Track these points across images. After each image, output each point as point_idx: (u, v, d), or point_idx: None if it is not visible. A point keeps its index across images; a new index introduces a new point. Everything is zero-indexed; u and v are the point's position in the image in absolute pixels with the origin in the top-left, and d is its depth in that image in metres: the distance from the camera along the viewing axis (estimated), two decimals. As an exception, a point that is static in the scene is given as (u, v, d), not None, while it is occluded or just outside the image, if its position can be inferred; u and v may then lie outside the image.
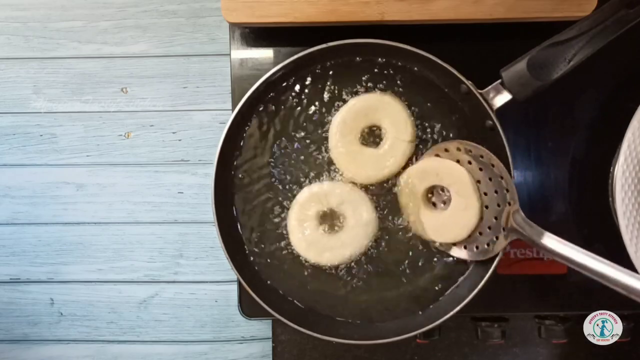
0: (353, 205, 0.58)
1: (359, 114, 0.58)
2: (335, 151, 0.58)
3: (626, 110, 0.56)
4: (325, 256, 0.58)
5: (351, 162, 0.58)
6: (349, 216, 0.58)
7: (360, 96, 0.59)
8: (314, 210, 0.58)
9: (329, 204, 0.58)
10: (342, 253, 0.58)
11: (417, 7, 0.58)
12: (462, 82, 0.56)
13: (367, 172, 0.58)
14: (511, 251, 0.63)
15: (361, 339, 0.56)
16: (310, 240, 0.58)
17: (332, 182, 0.59)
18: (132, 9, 0.80)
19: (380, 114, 0.58)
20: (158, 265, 0.80)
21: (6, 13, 0.80)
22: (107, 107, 0.80)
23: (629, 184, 0.55)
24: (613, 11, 0.52)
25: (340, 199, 0.58)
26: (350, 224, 0.58)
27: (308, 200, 0.58)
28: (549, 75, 0.52)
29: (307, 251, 0.58)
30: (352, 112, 0.58)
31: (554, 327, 0.63)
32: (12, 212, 0.81)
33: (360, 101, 0.59)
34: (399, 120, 0.58)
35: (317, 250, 0.58)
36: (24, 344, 0.81)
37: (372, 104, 0.58)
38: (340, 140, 0.58)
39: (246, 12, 0.59)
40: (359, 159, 0.58)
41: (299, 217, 0.58)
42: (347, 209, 0.58)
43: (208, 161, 0.79)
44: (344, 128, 0.58)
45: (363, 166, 0.58)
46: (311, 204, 0.58)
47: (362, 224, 0.58)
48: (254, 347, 0.80)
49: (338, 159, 0.59)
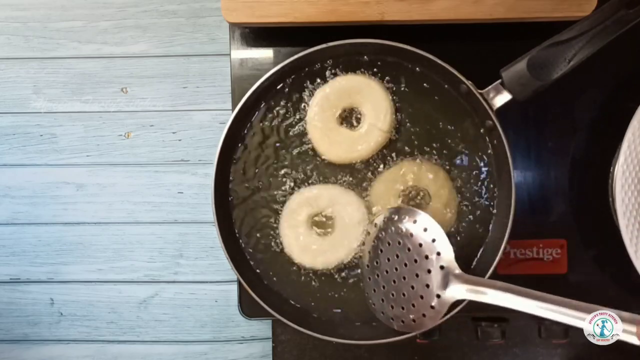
0: (343, 207, 0.58)
1: (343, 92, 0.58)
2: (311, 124, 0.58)
3: (626, 110, 0.56)
4: (319, 260, 0.58)
5: (324, 137, 0.58)
6: (340, 217, 0.58)
7: (348, 76, 0.59)
8: (305, 215, 0.58)
9: (319, 207, 0.58)
10: (336, 255, 0.58)
11: (417, 7, 0.58)
12: (462, 82, 0.56)
13: (338, 151, 0.58)
14: (511, 251, 0.63)
15: (361, 339, 0.56)
16: (303, 245, 0.58)
17: (321, 185, 0.59)
18: (132, 9, 0.80)
19: (364, 97, 0.58)
20: (158, 265, 0.80)
21: (6, 13, 0.80)
22: (107, 107, 0.80)
23: (629, 184, 0.55)
24: (613, 11, 0.52)
25: (330, 201, 0.58)
26: (342, 225, 0.58)
27: (299, 206, 0.58)
28: (549, 75, 0.52)
29: (301, 256, 0.58)
30: (335, 89, 0.58)
31: (554, 327, 0.63)
32: (12, 212, 0.81)
33: (347, 80, 0.59)
34: (379, 107, 0.58)
35: (311, 255, 0.58)
36: (24, 344, 0.81)
37: (358, 85, 0.58)
38: (318, 114, 0.58)
39: (246, 12, 0.59)
40: (333, 136, 0.58)
41: (291, 223, 0.58)
42: (338, 211, 0.58)
43: (208, 161, 0.79)
44: (325, 103, 0.58)
45: (335, 144, 0.58)
46: (302, 209, 0.58)
47: (353, 224, 0.58)
48: (254, 347, 0.80)
49: (312, 132, 0.59)
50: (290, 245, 0.59)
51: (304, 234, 0.58)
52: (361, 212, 0.58)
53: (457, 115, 0.59)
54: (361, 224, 0.58)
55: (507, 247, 0.56)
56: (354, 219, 0.58)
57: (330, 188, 0.59)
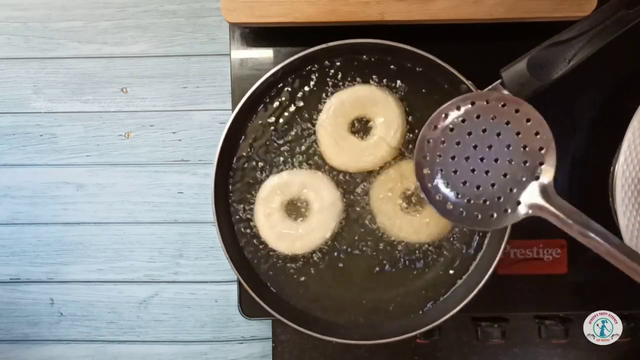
0: (315, 190, 0.58)
1: (359, 102, 0.58)
2: (322, 127, 0.58)
3: (626, 110, 0.56)
4: (297, 245, 0.58)
5: (334, 143, 0.58)
6: (312, 201, 0.58)
7: (367, 86, 0.59)
8: (278, 202, 0.58)
9: (291, 193, 0.58)
10: (313, 238, 0.58)
11: (417, 7, 0.58)
12: (462, 82, 0.56)
13: (344, 158, 0.58)
14: (511, 251, 0.63)
15: (361, 339, 0.56)
16: (279, 233, 0.58)
17: (290, 171, 0.59)
18: (132, 9, 0.80)
19: (378, 110, 0.58)
20: (158, 265, 0.80)
21: (6, 13, 0.80)
22: (107, 107, 0.80)
23: (629, 184, 0.55)
24: (613, 11, 0.52)
25: (301, 185, 0.58)
26: (316, 208, 0.58)
27: (270, 194, 0.58)
28: (549, 75, 0.52)
29: (278, 243, 0.59)
30: (353, 98, 0.58)
31: (554, 327, 0.63)
32: (12, 212, 0.81)
33: (365, 91, 0.59)
34: (392, 123, 0.58)
35: (289, 241, 0.58)
36: (24, 344, 0.81)
37: (375, 97, 0.58)
38: (330, 118, 0.58)
39: (246, 12, 0.59)
40: (341, 143, 0.58)
41: (265, 211, 0.58)
42: (310, 194, 0.58)
43: (208, 161, 0.79)
44: (339, 108, 0.58)
45: (342, 151, 0.58)
46: (274, 197, 0.58)
47: (327, 206, 0.58)
48: (254, 347, 0.80)
49: (322, 136, 0.59)
50: (267, 234, 0.59)
51: (279, 221, 0.58)
52: (333, 194, 0.58)
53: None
54: (335, 205, 0.58)
55: (507, 247, 0.56)
56: (327, 200, 0.58)
57: (299, 173, 0.59)
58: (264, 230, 0.59)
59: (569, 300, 0.63)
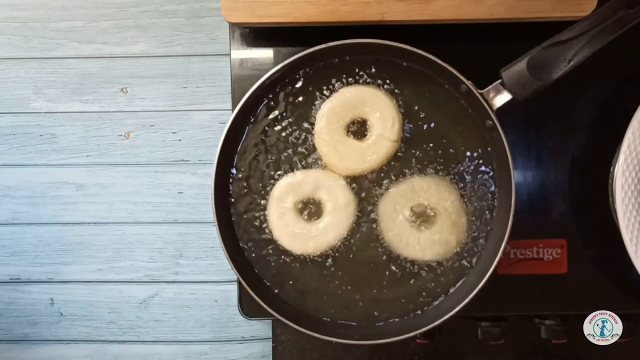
0: (328, 190, 0.58)
1: (349, 104, 0.58)
2: (319, 137, 0.58)
3: (626, 110, 0.56)
4: (310, 245, 0.58)
5: (333, 151, 0.58)
6: (326, 201, 0.58)
7: (353, 87, 0.59)
8: (291, 202, 0.58)
9: (304, 193, 0.58)
10: (327, 239, 0.58)
11: (417, 7, 0.58)
12: (462, 82, 0.56)
13: (347, 163, 0.58)
14: (511, 251, 0.63)
15: (361, 339, 0.56)
16: (292, 233, 0.58)
17: (304, 171, 0.59)
18: (132, 9, 0.80)
19: (370, 108, 0.58)
20: (158, 265, 0.80)
21: (6, 13, 0.80)
22: (107, 107, 0.80)
23: (629, 184, 0.55)
24: (613, 11, 0.52)
25: (315, 185, 0.58)
26: (329, 209, 0.58)
27: (284, 193, 0.58)
28: (549, 75, 0.52)
29: (292, 243, 0.58)
30: (342, 102, 0.58)
31: (554, 327, 0.63)
32: (12, 212, 0.81)
33: (352, 92, 0.58)
34: (386, 117, 0.58)
35: (302, 241, 0.58)
36: (24, 344, 0.81)
37: (364, 96, 0.58)
38: (325, 127, 0.58)
39: (246, 12, 0.59)
40: (342, 149, 0.58)
41: (278, 211, 0.58)
42: (323, 195, 0.58)
43: (208, 161, 0.79)
44: (331, 115, 0.58)
45: (344, 157, 0.58)
46: (287, 196, 0.58)
47: (340, 207, 0.58)
48: (254, 347, 0.80)
49: (321, 146, 0.59)
50: (280, 233, 0.59)
51: (292, 221, 0.58)
52: (348, 194, 0.58)
53: (457, 115, 0.59)
54: (349, 206, 0.58)
55: (507, 247, 0.56)
56: (341, 201, 0.58)
57: (313, 172, 0.59)
58: (277, 230, 0.59)
59: (569, 300, 0.63)
